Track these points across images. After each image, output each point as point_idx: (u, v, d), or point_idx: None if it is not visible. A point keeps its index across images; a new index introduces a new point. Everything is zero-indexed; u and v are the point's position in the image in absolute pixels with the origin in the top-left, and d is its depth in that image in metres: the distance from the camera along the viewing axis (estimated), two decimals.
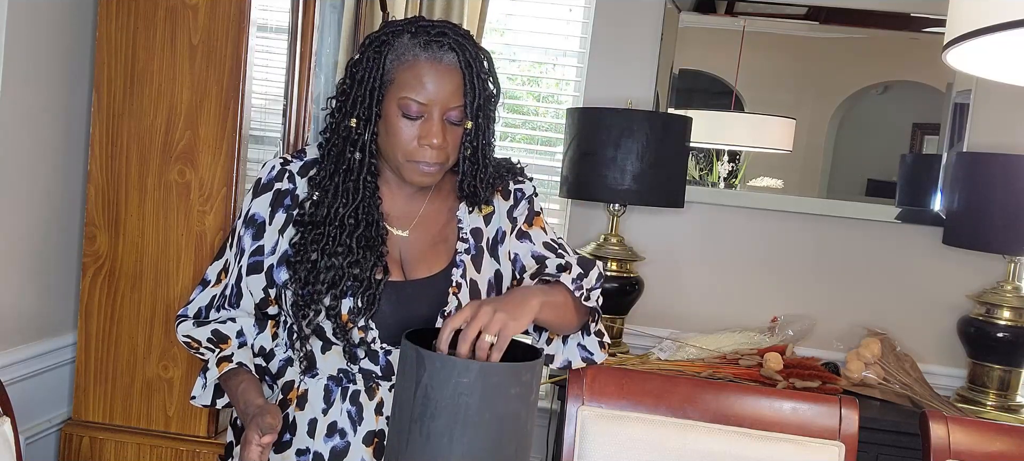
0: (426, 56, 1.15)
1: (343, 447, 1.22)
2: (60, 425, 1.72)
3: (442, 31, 1.16)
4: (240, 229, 1.28)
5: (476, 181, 1.25)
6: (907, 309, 2.64)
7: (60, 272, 1.75)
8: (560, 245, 1.36)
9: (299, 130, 1.96)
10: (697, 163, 2.74)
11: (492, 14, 2.74)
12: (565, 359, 1.37)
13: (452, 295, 1.24)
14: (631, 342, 2.61)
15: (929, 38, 2.58)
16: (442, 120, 1.17)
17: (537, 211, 1.37)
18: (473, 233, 1.30)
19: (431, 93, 1.15)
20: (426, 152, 1.17)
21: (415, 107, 1.15)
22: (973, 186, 2.31)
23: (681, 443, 1.37)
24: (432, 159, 1.18)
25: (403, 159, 1.18)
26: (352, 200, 1.20)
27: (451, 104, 1.16)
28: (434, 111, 1.16)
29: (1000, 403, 2.33)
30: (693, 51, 2.69)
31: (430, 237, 1.28)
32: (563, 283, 1.26)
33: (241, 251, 1.27)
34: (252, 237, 1.26)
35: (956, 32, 0.80)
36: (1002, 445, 1.36)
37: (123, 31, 1.63)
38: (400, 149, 1.18)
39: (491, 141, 1.26)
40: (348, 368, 1.23)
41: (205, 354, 1.30)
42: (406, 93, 1.15)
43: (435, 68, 1.15)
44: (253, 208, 1.27)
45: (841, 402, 1.40)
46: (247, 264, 1.26)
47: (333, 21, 2.20)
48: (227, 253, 1.31)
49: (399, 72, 1.16)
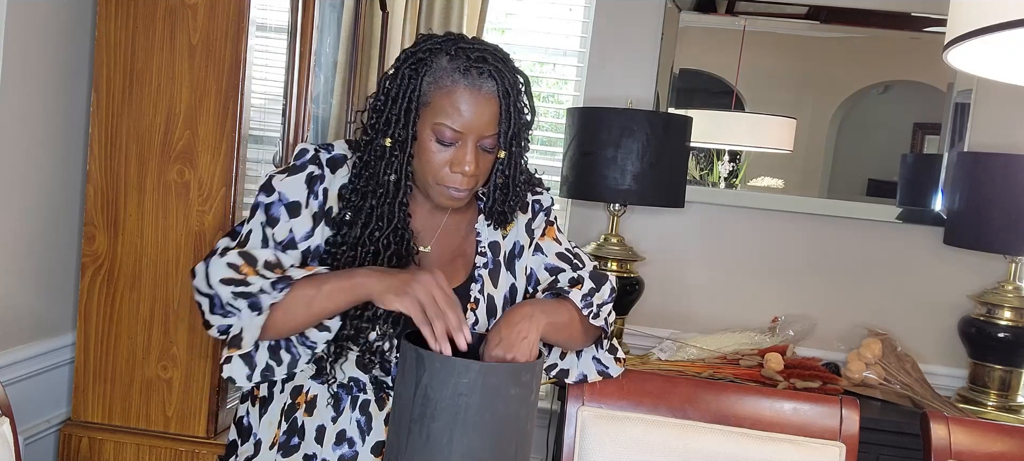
0: (465, 83, 1.12)
1: (351, 456, 1.22)
2: (59, 425, 1.72)
3: (482, 57, 1.12)
4: (268, 201, 1.19)
5: (505, 207, 1.24)
6: (908, 309, 2.64)
7: (59, 272, 1.75)
8: (574, 254, 1.36)
9: (299, 130, 1.96)
10: (697, 163, 2.74)
11: (492, 14, 2.73)
12: (580, 373, 1.37)
13: (470, 311, 1.24)
14: (631, 342, 2.61)
15: (930, 38, 2.58)
16: (476, 147, 1.15)
17: (552, 221, 1.37)
18: (491, 247, 1.29)
19: (467, 121, 1.12)
20: (457, 178, 1.15)
21: (449, 134, 1.13)
22: (974, 186, 2.30)
23: (681, 443, 1.36)
24: (462, 185, 1.16)
25: (433, 182, 1.17)
26: (388, 225, 1.17)
27: (486, 133, 1.14)
28: (469, 139, 1.14)
29: (1001, 403, 2.32)
30: (693, 51, 2.69)
31: (450, 251, 1.28)
32: (572, 300, 1.25)
33: (274, 218, 1.18)
34: (287, 214, 1.19)
35: (957, 32, 0.80)
36: (1003, 446, 1.36)
37: (122, 30, 1.63)
38: (431, 173, 1.16)
39: (524, 167, 1.25)
40: (359, 377, 1.22)
41: (254, 282, 1.12)
42: (441, 119, 1.12)
43: (474, 96, 1.12)
44: (284, 188, 1.19)
45: (842, 402, 1.40)
46: (285, 240, 1.18)
47: (333, 21, 2.20)
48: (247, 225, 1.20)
49: (436, 96, 1.13)
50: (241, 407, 1.33)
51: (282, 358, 1.18)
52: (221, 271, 1.14)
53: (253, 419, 1.30)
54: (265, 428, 1.27)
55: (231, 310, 1.14)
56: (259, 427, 1.28)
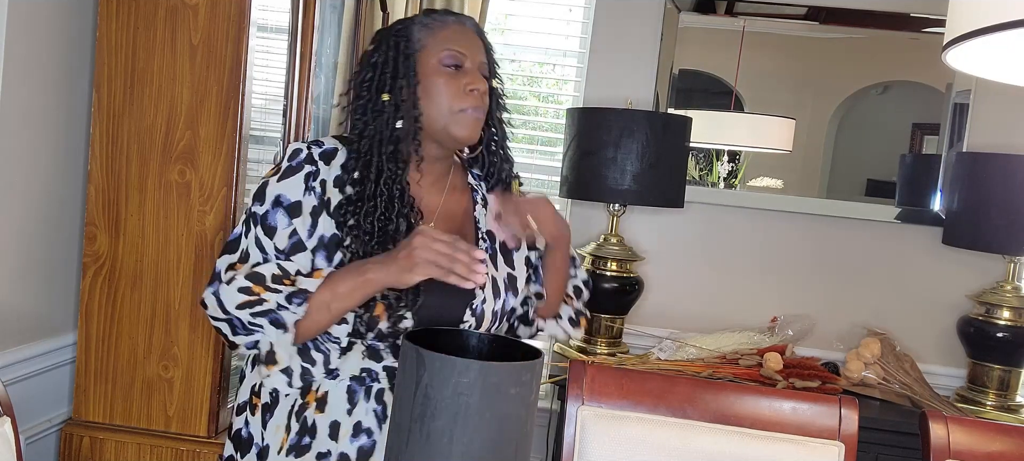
0: (451, 20, 1.27)
1: (370, 446, 1.23)
2: (60, 425, 1.72)
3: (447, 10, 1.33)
4: (263, 211, 1.22)
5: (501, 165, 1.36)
6: (907, 309, 2.64)
7: (60, 272, 1.75)
8: None
9: (299, 130, 1.96)
10: (697, 163, 2.74)
11: (492, 14, 2.74)
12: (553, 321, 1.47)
13: (479, 289, 1.27)
14: (631, 342, 2.61)
15: (929, 38, 2.58)
16: (478, 70, 1.26)
17: None
18: (488, 234, 1.35)
19: (466, 44, 1.25)
20: (472, 97, 1.24)
21: (456, 55, 1.24)
22: (973, 186, 2.31)
23: (681, 443, 1.37)
24: (477, 104, 1.24)
25: (449, 114, 1.23)
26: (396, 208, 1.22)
27: (479, 58, 1.27)
28: (469, 62, 1.25)
29: (1000, 403, 2.33)
30: (693, 51, 2.69)
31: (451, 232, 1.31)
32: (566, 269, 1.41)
33: (271, 229, 1.21)
34: (287, 217, 1.21)
35: (956, 32, 0.80)
36: (1002, 445, 1.36)
37: (123, 31, 1.63)
38: (446, 104, 1.23)
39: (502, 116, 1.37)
40: (371, 367, 1.24)
41: (268, 298, 1.17)
42: (446, 48, 1.24)
43: (461, 29, 1.27)
44: (280, 190, 1.22)
45: (841, 402, 1.40)
46: (288, 245, 1.21)
47: (333, 21, 2.20)
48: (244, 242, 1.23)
49: (430, 39, 1.25)
50: (237, 419, 1.32)
51: (314, 358, 1.24)
52: (234, 298, 1.18)
53: (255, 428, 1.29)
54: (272, 433, 1.27)
55: (254, 328, 1.20)
56: (264, 434, 1.28)
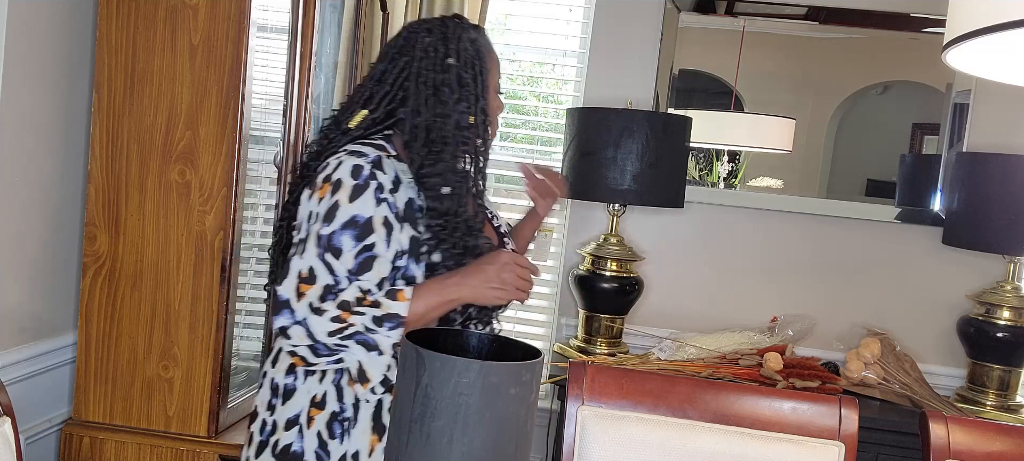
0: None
1: None
2: (60, 425, 1.72)
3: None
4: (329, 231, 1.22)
5: None
6: (907, 309, 2.64)
7: (60, 272, 1.75)
8: None
9: (299, 130, 1.96)
10: (697, 163, 2.74)
11: (492, 14, 2.74)
12: None
13: None
14: (631, 342, 2.61)
15: (929, 38, 2.58)
16: None
17: None
18: None
19: None
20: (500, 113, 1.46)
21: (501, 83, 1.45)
22: (973, 186, 2.31)
23: (681, 443, 1.37)
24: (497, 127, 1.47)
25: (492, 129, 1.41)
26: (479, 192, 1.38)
27: None
28: None
29: (1000, 403, 2.33)
30: (693, 51, 2.69)
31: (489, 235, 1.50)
32: None
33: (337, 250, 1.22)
34: (353, 238, 1.23)
35: (956, 32, 0.80)
36: (1002, 445, 1.36)
37: (123, 31, 1.63)
38: (494, 122, 1.42)
39: None
40: None
41: (355, 321, 1.20)
42: (499, 72, 1.44)
43: None
44: (357, 210, 1.23)
45: (841, 402, 1.40)
46: (355, 265, 1.23)
47: (333, 21, 2.20)
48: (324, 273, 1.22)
49: (489, 60, 1.40)
50: (285, 434, 1.29)
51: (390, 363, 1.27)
52: (326, 327, 1.20)
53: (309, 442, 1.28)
54: (359, 438, 1.29)
55: (338, 349, 1.22)
56: (345, 444, 1.29)
